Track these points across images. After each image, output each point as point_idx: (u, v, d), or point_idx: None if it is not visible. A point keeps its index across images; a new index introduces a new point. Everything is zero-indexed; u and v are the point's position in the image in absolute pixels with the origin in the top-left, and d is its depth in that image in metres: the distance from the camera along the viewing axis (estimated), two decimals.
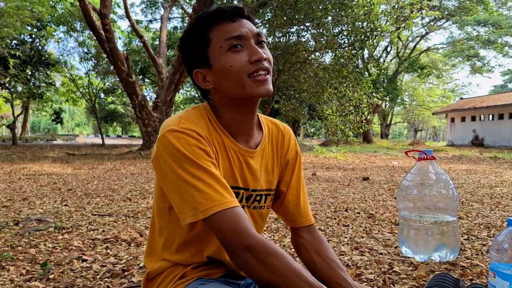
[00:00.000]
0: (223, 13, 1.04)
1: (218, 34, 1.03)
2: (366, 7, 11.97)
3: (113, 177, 6.66)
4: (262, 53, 1.03)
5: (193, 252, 1.12)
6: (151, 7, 24.66)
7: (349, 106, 14.40)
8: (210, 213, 0.93)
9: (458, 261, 2.14)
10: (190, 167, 0.97)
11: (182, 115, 1.06)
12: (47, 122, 64.14)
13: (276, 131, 1.25)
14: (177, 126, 1.01)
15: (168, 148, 0.99)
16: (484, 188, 5.32)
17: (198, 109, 1.12)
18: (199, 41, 1.05)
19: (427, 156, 2.22)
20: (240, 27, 1.04)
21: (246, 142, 1.15)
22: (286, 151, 1.26)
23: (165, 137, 1.00)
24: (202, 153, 0.99)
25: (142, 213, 3.59)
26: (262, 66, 1.03)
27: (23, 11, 15.73)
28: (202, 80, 1.08)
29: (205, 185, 0.96)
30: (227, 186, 0.99)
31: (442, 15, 26.90)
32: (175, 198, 0.99)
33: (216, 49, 1.03)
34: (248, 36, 1.04)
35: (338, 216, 3.43)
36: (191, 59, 1.09)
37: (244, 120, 1.12)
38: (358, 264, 2.12)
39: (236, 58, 1.02)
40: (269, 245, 0.92)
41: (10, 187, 5.30)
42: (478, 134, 26.27)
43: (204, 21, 1.05)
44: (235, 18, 1.04)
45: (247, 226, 0.94)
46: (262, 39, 1.07)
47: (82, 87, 25.83)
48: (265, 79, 1.04)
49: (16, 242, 2.57)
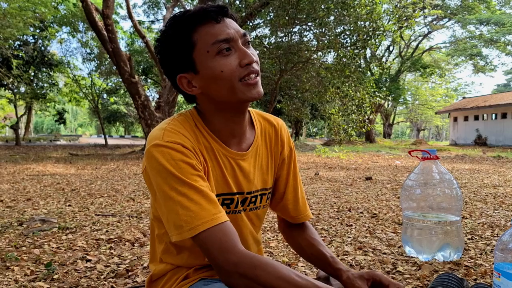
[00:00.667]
0: (206, 13, 0.98)
1: (204, 37, 0.98)
2: (368, 7, 11.94)
3: (116, 177, 6.68)
4: (251, 56, 1.00)
5: (195, 256, 1.11)
6: (153, 7, 24.72)
7: (352, 105, 14.36)
8: (196, 233, 0.92)
9: (462, 260, 2.13)
10: (175, 184, 0.94)
11: (167, 127, 1.02)
12: (50, 122, 64.34)
13: (270, 127, 1.21)
14: (161, 140, 0.98)
15: (154, 164, 0.97)
16: (488, 187, 5.30)
17: (184, 116, 1.08)
18: (182, 44, 0.99)
19: (430, 155, 2.22)
20: (226, 28, 0.99)
21: (238, 145, 1.12)
22: (281, 149, 1.23)
23: (150, 153, 0.98)
24: (188, 167, 0.96)
25: (146, 213, 3.60)
26: (253, 69, 1.00)
27: (26, 12, 15.77)
28: (187, 85, 1.03)
29: (191, 202, 0.93)
30: (213, 199, 0.97)
31: (445, 14, 26.85)
32: (162, 213, 0.98)
33: (203, 53, 0.98)
34: (236, 38, 0.99)
35: (341, 216, 3.43)
36: (172, 63, 1.03)
37: (234, 123, 1.09)
38: (361, 264, 2.11)
39: (226, 62, 0.98)
40: (256, 258, 0.91)
41: (14, 187, 5.32)
42: (481, 134, 26.20)
43: (185, 22, 0.99)
44: (219, 19, 0.99)
45: (232, 244, 0.92)
46: (248, 39, 1.03)
47: (85, 87, 25.91)
48: (256, 82, 1.01)
49: (20, 242, 2.58)
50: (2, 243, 2.58)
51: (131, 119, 39.22)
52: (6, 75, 18.96)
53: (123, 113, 37.97)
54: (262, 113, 1.24)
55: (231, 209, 1.12)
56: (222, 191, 1.09)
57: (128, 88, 13.92)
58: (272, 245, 2.51)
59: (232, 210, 1.12)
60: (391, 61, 32.26)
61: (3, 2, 15.05)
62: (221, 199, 1.08)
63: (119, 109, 37.56)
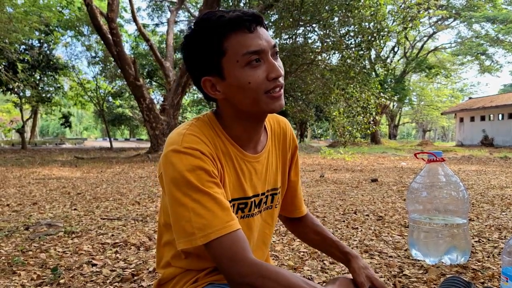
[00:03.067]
0: (241, 21, 0.96)
1: (235, 45, 0.96)
2: (372, 8, 11.93)
3: (121, 180, 6.70)
4: (279, 70, 1.00)
5: (204, 259, 1.12)
6: (157, 10, 24.77)
7: (357, 107, 14.35)
8: (208, 240, 0.93)
9: (469, 264, 2.12)
10: (189, 190, 0.95)
11: (186, 131, 1.01)
12: (55, 126, 64.76)
13: (278, 128, 1.23)
14: (180, 146, 0.98)
15: (170, 169, 0.97)
16: (495, 189, 5.26)
17: (202, 120, 1.08)
18: (212, 50, 0.98)
19: (436, 158, 2.20)
20: (258, 39, 0.97)
21: (254, 148, 1.14)
22: (289, 148, 1.26)
23: (168, 157, 0.98)
24: (204, 174, 0.97)
25: (151, 216, 3.60)
26: (279, 83, 1.00)
27: (31, 17, 15.88)
28: (211, 89, 1.03)
29: (204, 209, 0.94)
30: (226, 206, 0.97)
31: (450, 14, 26.74)
32: (174, 220, 0.99)
33: (232, 62, 0.97)
34: (266, 50, 0.98)
35: (347, 218, 3.41)
36: (199, 66, 1.02)
37: (253, 130, 1.10)
38: None
39: (254, 74, 0.97)
40: (264, 268, 0.92)
41: (20, 191, 5.34)
42: (488, 134, 26.05)
43: (218, 27, 0.97)
44: (253, 28, 0.97)
45: (242, 253, 0.93)
46: (277, 50, 1.02)
47: (90, 90, 26.05)
48: (279, 95, 1.01)
49: (26, 246, 2.59)
50: (9, 247, 2.59)
51: (136, 122, 39.37)
52: (12, 79, 19.10)
53: (128, 116, 38.12)
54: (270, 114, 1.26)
55: (245, 213, 1.13)
56: (237, 196, 1.10)
57: (133, 91, 13.99)
58: (278, 248, 2.50)
59: (246, 214, 1.13)
60: (396, 62, 32.18)
61: (9, 7, 15.16)
62: (236, 204, 1.10)
63: (124, 112, 37.72)
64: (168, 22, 17.13)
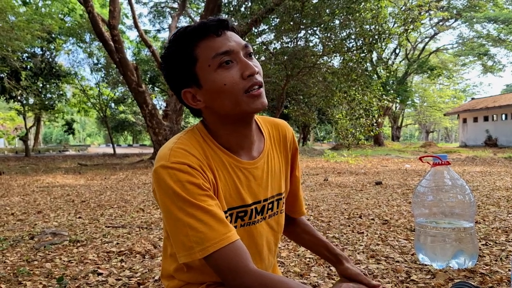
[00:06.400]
0: (206, 28, 0.99)
1: (205, 51, 0.98)
2: (373, 10, 11.93)
3: (125, 187, 6.70)
4: (254, 67, 0.99)
5: (206, 273, 1.11)
6: (159, 17, 24.85)
7: (359, 109, 14.31)
8: (206, 254, 0.93)
9: (477, 268, 2.10)
10: (183, 205, 0.95)
11: (173, 146, 1.01)
12: (59, 133, 64.95)
13: (276, 132, 1.22)
14: (167, 161, 0.97)
15: (161, 186, 0.97)
16: (500, 190, 5.23)
17: (191, 132, 1.08)
18: (185, 60, 1.00)
19: (441, 161, 2.19)
20: (227, 41, 0.99)
21: (249, 154, 1.12)
22: (290, 152, 1.25)
23: (157, 174, 0.98)
24: (195, 188, 0.96)
25: (156, 224, 3.60)
26: (256, 80, 1.00)
27: (33, 25, 15.97)
28: (192, 100, 1.04)
29: (200, 223, 0.94)
30: (222, 218, 0.97)
31: (451, 14, 26.71)
32: (171, 234, 0.99)
33: (205, 67, 0.99)
34: (237, 50, 0.99)
35: (352, 223, 3.40)
36: (177, 78, 1.04)
37: (242, 134, 1.09)
38: (374, 273, 2.09)
39: (228, 75, 0.98)
40: (266, 278, 0.92)
41: (24, 200, 5.35)
42: (492, 134, 25.96)
43: (187, 38, 1.00)
44: (220, 32, 0.99)
45: (243, 264, 0.93)
46: (250, 51, 1.03)
47: (93, 97, 26.16)
48: (259, 93, 1.00)
49: (32, 256, 2.59)
50: (14, 257, 2.58)
51: (139, 128, 39.44)
52: (15, 87, 19.19)
53: (131, 122, 38.19)
54: (266, 118, 1.25)
55: (245, 221, 1.12)
56: (235, 205, 1.09)
57: (136, 97, 14.01)
58: (284, 254, 2.49)
59: (247, 222, 1.12)
60: (397, 63, 32.14)
61: (11, 15, 15.25)
62: (235, 213, 1.08)
63: (127, 118, 37.79)
64: (170, 28, 17.18)
